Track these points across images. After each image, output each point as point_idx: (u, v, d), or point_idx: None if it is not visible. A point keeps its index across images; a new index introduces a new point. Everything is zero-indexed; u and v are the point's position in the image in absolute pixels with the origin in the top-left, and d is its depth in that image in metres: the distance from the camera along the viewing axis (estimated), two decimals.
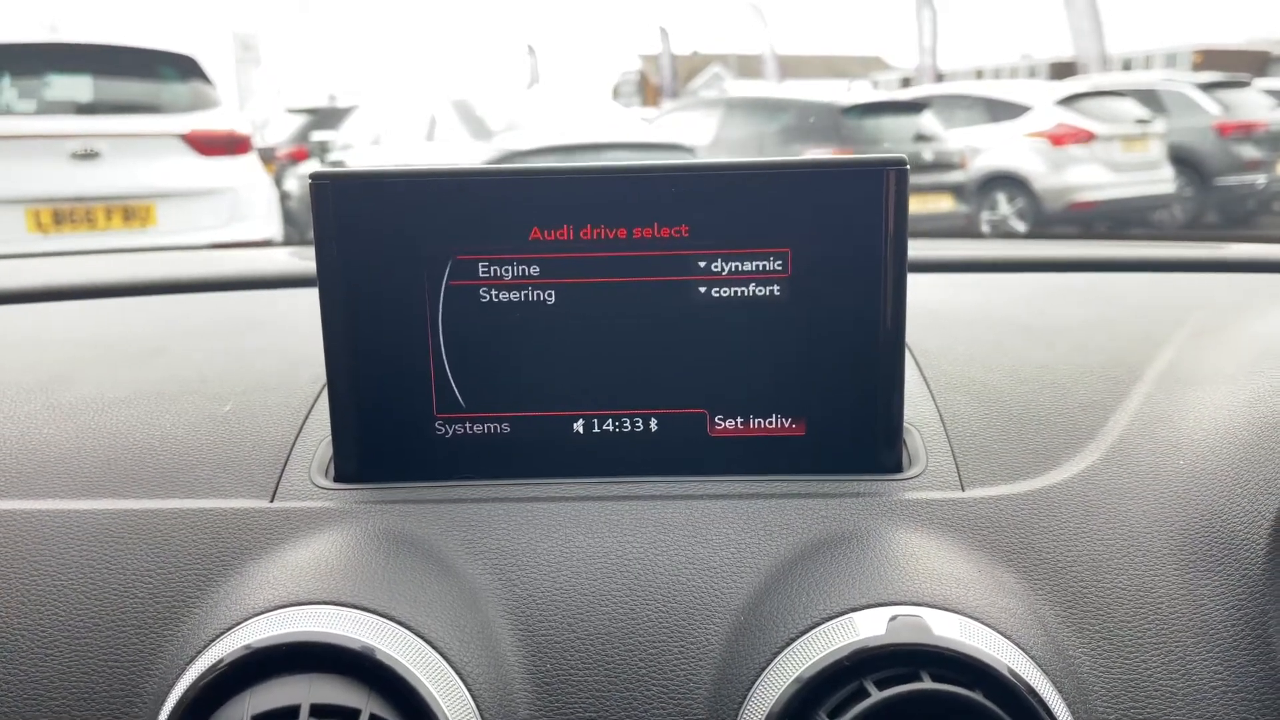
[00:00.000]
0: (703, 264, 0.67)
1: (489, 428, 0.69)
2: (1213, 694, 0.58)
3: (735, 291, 0.67)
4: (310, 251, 0.71)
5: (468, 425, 0.69)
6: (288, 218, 7.37)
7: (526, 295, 0.67)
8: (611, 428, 0.69)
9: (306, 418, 0.75)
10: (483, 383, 0.68)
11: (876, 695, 0.53)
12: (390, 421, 0.69)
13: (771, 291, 0.67)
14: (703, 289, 0.67)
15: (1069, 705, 0.56)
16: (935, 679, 0.53)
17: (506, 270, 0.67)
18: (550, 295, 0.67)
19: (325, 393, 0.74)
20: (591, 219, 0.66)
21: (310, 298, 0.73)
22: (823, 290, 0.67)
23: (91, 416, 0.76)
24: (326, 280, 0.67)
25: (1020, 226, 8.63)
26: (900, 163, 0.65)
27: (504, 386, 0.69)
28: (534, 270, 0.67)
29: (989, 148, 8.81)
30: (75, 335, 0.98)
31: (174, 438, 0.73)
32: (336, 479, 0.70)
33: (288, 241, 6.38)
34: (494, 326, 0.68)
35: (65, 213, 4.90)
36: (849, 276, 0.66)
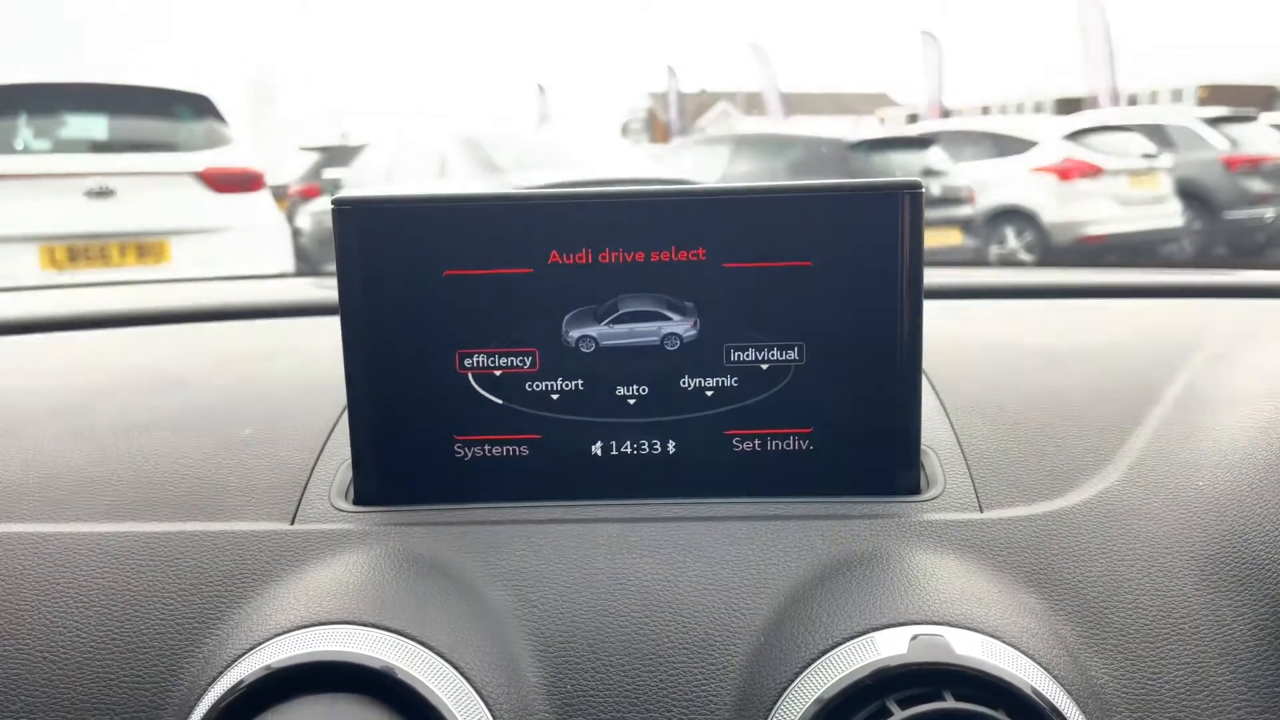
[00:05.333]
0: None
1: (508, 450, 0.69)
2: (1236, 714, 0.58)
3: None
4: (326, 281, 0.71)
5: (487, 448, 0.69)
6: (300, 254, 7.41)
7: None
8: (629, 450, 0.69)
9: (326, 442, 0.76)
10: (502, 405, 0.69)
11: (899, 715, 0.52)
12: (410, 444, 0.69)
13: None
14: None
15: None
16: (958, 698, 0.53)
17: None
18: None
19: (344, 417, 0.74)
20: (609, 242, 0.67)
21: (327, 325, 0.73)
22: (839, 312, 0.67)
23: (113, 441, 0.77)
24: (348, 302, 0.67)
25: (1028, 260, 8.63)
26: (915, 186, 0.66)
27: (523, 409, 0.69)
28: None
29: (996, 182, 8.82)
30: (96, 363, 0.99)
31: (195, 462, 0.74)
32: (356, 501, 0.70)
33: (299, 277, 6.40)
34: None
35: (80, 250, 4.93)
36: (865, 297, 0.67)
